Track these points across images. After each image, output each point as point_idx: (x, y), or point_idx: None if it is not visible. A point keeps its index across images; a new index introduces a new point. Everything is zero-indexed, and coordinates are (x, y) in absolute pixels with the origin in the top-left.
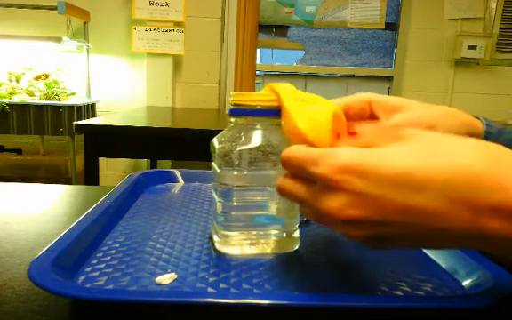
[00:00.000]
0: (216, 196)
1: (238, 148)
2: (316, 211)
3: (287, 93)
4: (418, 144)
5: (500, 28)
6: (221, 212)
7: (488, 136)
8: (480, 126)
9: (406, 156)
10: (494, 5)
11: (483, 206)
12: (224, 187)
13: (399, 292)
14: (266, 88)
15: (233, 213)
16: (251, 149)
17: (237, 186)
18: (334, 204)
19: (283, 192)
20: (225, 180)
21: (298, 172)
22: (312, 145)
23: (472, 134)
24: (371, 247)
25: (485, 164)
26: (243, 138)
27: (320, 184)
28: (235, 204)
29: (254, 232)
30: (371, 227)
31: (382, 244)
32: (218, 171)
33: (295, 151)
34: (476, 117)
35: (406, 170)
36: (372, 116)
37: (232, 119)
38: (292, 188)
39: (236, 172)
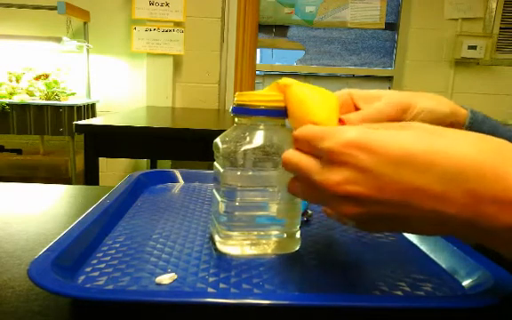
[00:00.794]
0: (219, 196)
1: (243, 149)
2: (317, 184)
3: (293, 82)
4: (422, 131)
5: (500, 28)
6: (224, 211)
7: (472, 122)
8: (464, 112)
9: (412, 139)
10: (494, 5)
11: (483, 195)
12: (228, 187)
13: (399, 292)
14: (271, 86)
15: (236, 213)
16: (255, 149)
17: (241, 186)
18: (336, 176)
19: (287, 164)
20: (229, 179)
21: (306, 147)
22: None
23: (456, 119)
24: (359, 227)
25: (487, 155)
26: (247, 138)
27: (325, 158)
28: (238, 204)
29: (256, 232)
30: (368, 205)
31: (373, 224)
32: (221, 171)
33: (306, 129)
34: (462, 106)
35: (411, 151)
36: (355, 109)
37: (236, 119)
38: (298, 159)
39: (240, 172)
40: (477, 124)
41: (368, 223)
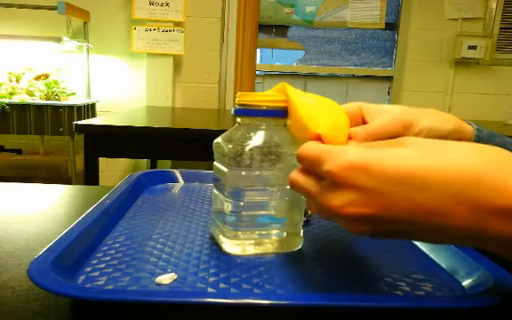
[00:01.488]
0: (224, 197)
1: (250, 149)
2: (322, 207)
3: (298, 94)
4: (420, 147)
5: (500, 28)
6: (231, 212)
7: (478, 140)
8: (469, 129)
9: (410, 156)
10: (494, 5)
11: (486, 206)
12: (234, 187)
13: (399, 292)
14: (278, 87)
15: (242, 213)
16: (262, 149)
17: (247, 186)
18: (338, 200)
19: (294, 185)
20: (235, 180)
21: (309, 166)
22: (330, 143)
23: (461, 136)
24: (373, 238)
25: (487, 166)
26: (253, 138)
27: (328, 181)
28: (244, 204)
29: (261, 231)
30: (375, 223)
31: (383, 237)
32: (226, 171)
33: (309, 148)
34: (467, 122)
35: (411, 169)
36: (364, 122)
37: (238, 119)
38: (303, 182)
39: (246, 172)
40: (483, 141)
41: (378, 236)
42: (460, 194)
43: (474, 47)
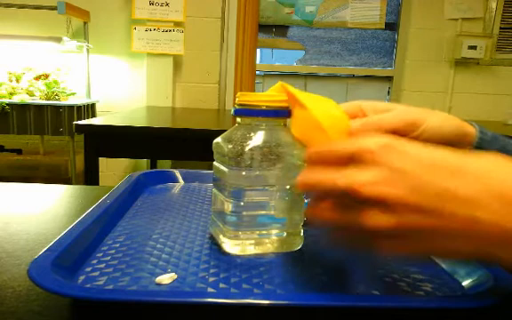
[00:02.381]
0: (224, 197)
1: (250, 149)
2: (343, 189)
3: (299, 92)
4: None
5: (500, 28)
6: (231, 212)
7: (481, 142)
8: (473, 131)
9: (441, 151)
10: (494, 5)
11: None
12: (234, 187)
13: (399, 292)
14: (276, 86)
15: (243, 213)
16: (262, 149)
17: (248, 186)
18: (365, 176)
19: (305, 185)
20: (236, 180)
21: (323, 161)
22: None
23: (464, 137)
24: (383, 248)
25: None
26: (253, 138)
27: (355, 159)
28: (245, 204)
29: (263, 231)
30: (399, 211)
31: (400, 241)
32: (227, 171)
33: (322, 144)
34: (470, 123)
35: (443, 157)
36: None
37: (238, 119)
38: (316, 175)
39: (247, 172)
40: (486, 143)
41: (394, 239)
42: (493, 186)
43: (474, 47)
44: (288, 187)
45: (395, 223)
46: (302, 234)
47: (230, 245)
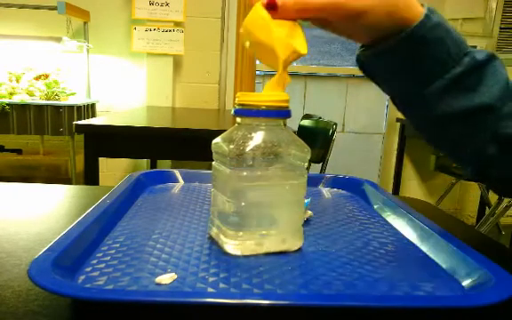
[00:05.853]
0: (225, 197)
1: (251, 149)
2: None
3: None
4: None
5: (500, 28)
6: (231, 212)
7: (425, 21)
8: (420, 11)
9: None
10: (494, 5)
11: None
12: (235, 187)
13: (399, 292)
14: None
15: (244, 213)
16: (263, 149)
17: (249, 186)
18: None
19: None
20: (236, 180)
21: None
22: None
23: (407, 14)
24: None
25: None
26: (253, 138)
27: None
28: (246, 204)
29: (263, 231)
30: None
31: None
32: (228, 171)
33: None
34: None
35: None
36: None
37: (238, 119)
38: None
39: (247, 173)
40: (425, 29)
41: None
42: None
43: (474, 47)
44: (288, 187)
45: None
46: (302, 234)
47: (230, 245)
